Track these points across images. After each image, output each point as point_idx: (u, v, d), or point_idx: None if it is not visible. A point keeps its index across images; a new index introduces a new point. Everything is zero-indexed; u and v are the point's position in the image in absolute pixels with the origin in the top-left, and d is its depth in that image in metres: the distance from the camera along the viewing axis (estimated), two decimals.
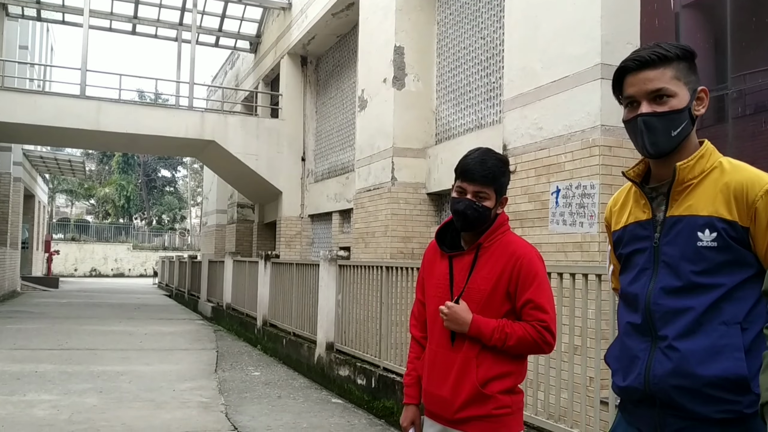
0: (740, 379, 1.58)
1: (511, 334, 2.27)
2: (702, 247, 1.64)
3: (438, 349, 2.41)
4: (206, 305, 16.76)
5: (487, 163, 2.37)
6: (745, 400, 1.58)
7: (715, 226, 1.63)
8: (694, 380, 1.60)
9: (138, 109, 17.82)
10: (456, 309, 2.31)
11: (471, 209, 2.34)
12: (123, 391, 7.10)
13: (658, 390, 1.65)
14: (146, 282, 37.14)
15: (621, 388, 1.77)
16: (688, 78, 1.72)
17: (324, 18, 14.73)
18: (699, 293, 1.64)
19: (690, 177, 1.69)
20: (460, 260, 2.42)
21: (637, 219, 1.79)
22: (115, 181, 54.70)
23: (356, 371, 7.05)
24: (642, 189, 1.79)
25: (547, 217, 6.49)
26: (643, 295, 1.72)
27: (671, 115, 1.68)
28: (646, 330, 1.71)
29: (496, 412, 2.28)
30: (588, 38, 6.21)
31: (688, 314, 1.64)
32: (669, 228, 1.70)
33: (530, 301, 2.29)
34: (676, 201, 1.71)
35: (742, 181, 1.65)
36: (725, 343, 1.60)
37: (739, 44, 5.97)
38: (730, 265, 1.63)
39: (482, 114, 9.59)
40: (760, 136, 5.94)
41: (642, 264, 1.75)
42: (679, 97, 1.69)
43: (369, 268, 7.26)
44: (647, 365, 1.68)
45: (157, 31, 20.67)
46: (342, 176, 14.78)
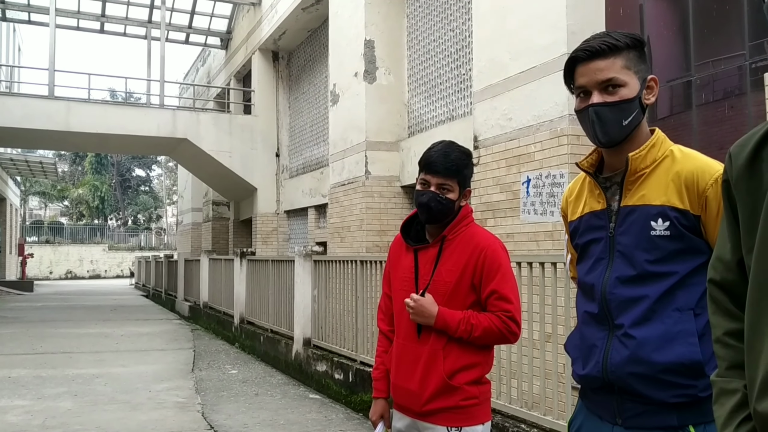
0: (695, 363, 1.61)
1: (477, 325, 2.29)
2: (655, 236, 1.66)
3: (405, 342, 2.42)
4: (183, 304, 16.66)
5: (450, 156, 2.38)
6: (700, 384, 1.61)
7: (668, 215, 1.66)
8: (650, 367, 1.63)
9: (109, 108, 17.62)
10: (422, 302, 2.32)
11: (435, 201, 2.35)
12: (98, 393, 7.04)
13: (616, 378, 1.68)
14: (123, 283, 36.80)
15: (581, 376, 1.79)
16: (638, 67, 1.73)
17: (294, 13, 14.65)
18: (653, 281, 1.66)
19: (642, 167, 1.71)
20: (425, 253, 2.43)
21: (592, 209, 1.81)
22: (89, 181, 53.99)
23: (333, 366, 7.06)
24: (596, 179, 1.80)
25: (519, 207, 6.54)
26: (599, 285, 1.74)
27: (622, 105, 1.69)
28: (603, 319, 1.73)
29: (463, 403, 2.31)
30: (554, 29, 6.25)
31: (643, 302, 1.66)
32: (623, 218, 1.72)
33: (495, 292, 2.31)
34: (629, 191, 1.73)
35: (692, 170, 1.68)
36: (679, 329, 1.63)
37: (702, 32, 6.04)
38: (682, 254, 1.66)
39: (453, 106, 9.62)
40: (726, 121, 6.02)
41: (598, 254, 1.77)
42: (630, 86, 1.70)
43: (344, 262, 7.27)
44: (605, 353, 1.70)
45: (125, 29, 20.42)
46: (317, 171, 14.75)
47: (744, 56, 5.54)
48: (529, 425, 4.31)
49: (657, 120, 6.50)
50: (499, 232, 6.55)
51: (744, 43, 5.55)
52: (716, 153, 6.37)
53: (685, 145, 4.40)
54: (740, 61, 5.61)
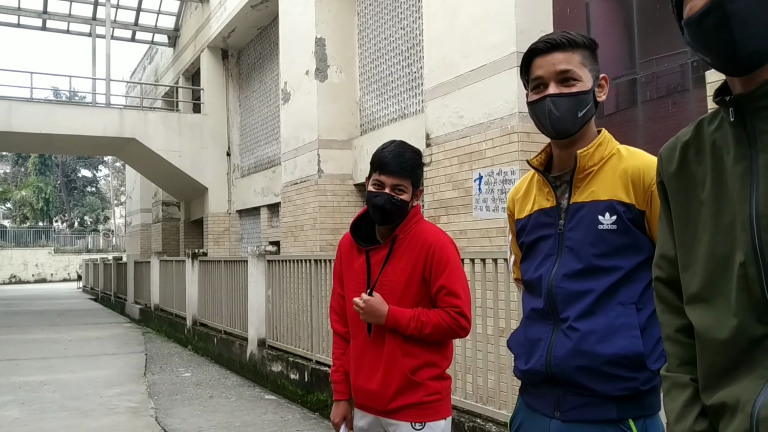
0: (637, 356, 1.64)
1: (427, 322, 2.30)
2: (602, 230, 1.70)
3: (363, 344, 2.42)
4: (134, 307, 16.34)
5: (404, 156, 2.38)
6: (642, 376, 1.64)
7: (615, 209, 1.70)
8: (593, 359, 1.65)
9: (52, 108, 17.14)
10: (372, 302, 2.32)
11: (390, 204, 2.35)
12: (46, 401, 6.85)
13: (560, 370, 1.69)
14: (70, 286, 35.89)
15: (523, 371, 1.81)
16: (592, 65, 1.78)
17: (243, 10, 14.49)
18: (599, 276, 1.69)
19: (590, 164, 1.75)
20: (376, 253, 2.43)
21: (542, 207, 1.83)
22: (32, 183, 52.44)
23: (289, 366, 7.02)
24: (546, 177, 1.83)
25: (471, 203, 6.61)
26: (546, 280, 1.76)
27: (579, 96, 1.73)
28: (549, 313, 1.75)
29: (427, 398, 2.32)
30: (504, 27, 6.34)
31: (589, 296, 1.69)
32: (572, 214, 1.75)
33: (443, 287, 2.32)
34: (578, 188, 1.76)
35: (639, 166, 1.72)
36: (622, 323, 1.66)
37: (646, 30, 6.20)
38: (627, 249, 1.69)
39: (405, 104, 9.66)
40: (670, 117, 6.19)
41: (546, 250, 1.79)
42: (584, 81, 1.75)
43: (298, 261, 7.23)
44: (549, 347, 1.72)
45: (69, 27, 19.89)
46: (269, 170, 14.63)
47: (686, 54, 5.71)
48: (485, 419, 4.37)
49: (604, 116, 6.64)
50: (451, 229, 6.61)
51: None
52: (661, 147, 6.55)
53: (630, 140, 4.53)
54: (683, 59, 5.78)
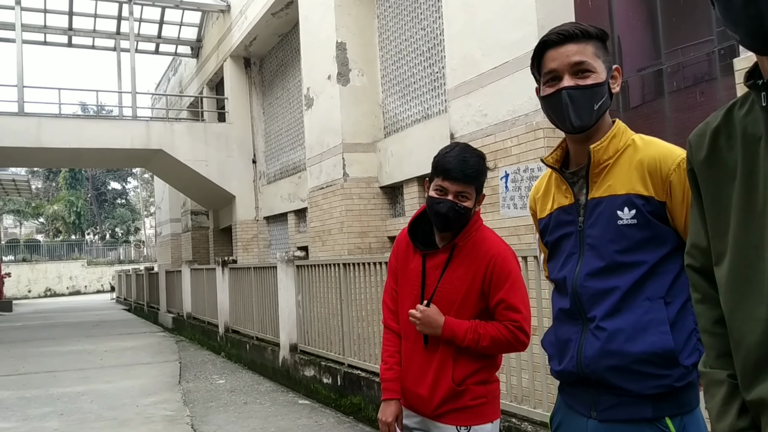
0: (668, 352, 1.60)
1: (484, 335, 2.25)
2: (622, 225, 1.66)
3: (414, 348, 2.39)
4: (166, 316, 16.52)
5: (468, 162, 2.30)
6: (675, 373, 1.61)
7: (634, 202, 1.65)
8: (623, 358, 1.62)
9: (80, 122, 17.43)
10: (428, 313, 2.28)
11: (453, 211, 2.29)
12: (85, 411, 6.95)
13: (591, 371, 1.67)
14: (104, 298, 36.42)
15: (557, 372, 1.79)
16: (605, 56, 1.74)
17: (264, 18, 14.59)
18: (623, 272, 1.65)
19: (605, 158, 1.71)
20: (433, 258, 2.37)
21: (561, 204, 1.80)
22: (64, 197, 53.35)
23: (321, 370, 7.04)
24: (562, 174, 1.79)
25: (498, 202, 6.56)
26: (571, 279, 1.73)
27: (594, 88, 1.69)
28: (576, 313, 1.73)
29: (472, 402, 2.30)
30: (524, 23, 6.28)
31: (614, 294, 1.65)
32: (591, 210, 1.72)
33: (503, 301, 2.27)
34: (595, 183, 1.72)
35: (654, 156, 1.67)
36: (650, 318, 1.62)
37: (671, 19, 6.11)
38: (650, 242, 1.65)
39: (428, 104, 9.64)
40: (698, 107, 6.09)
41: (569, 249, 1.76)
42: (599, 72, 1.71)
43: (326, 266, 7.24)
44: (579, 348, 1.70)
45: (94, 42, 20.20)
46: (294, 176, 14.69)
47: (713, 42, 5.61)
48: (520, 419, 4.33)
49: (630, 109, 6.56)
50: None
51: (712, 29, 5.62)
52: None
53: (658, 132, 4.47)
54: (709, 47, 5.68)
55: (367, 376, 6.12)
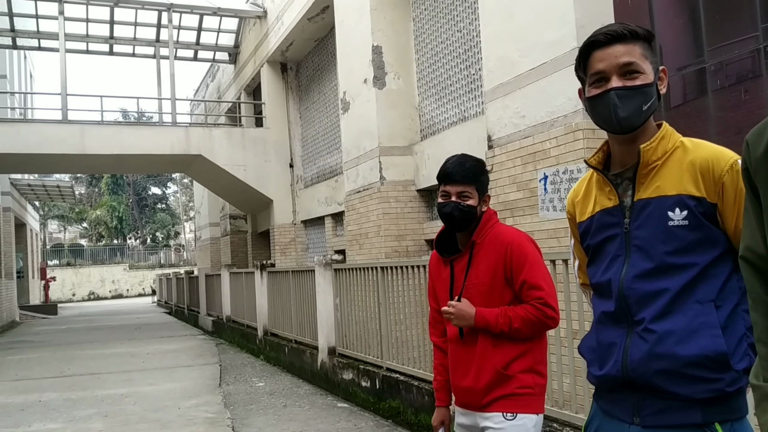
0: (720, 355, 1.56)
1: (514, 317, 2.39)
2: (673, 226, 1.62)
3: (457, 345, 2.55)
4: (206, 319, 16.73)
5: (465, 164, 2.55)
6: (727, 377, 1.56)
7: (686, 203, 1.62)
8: (673, 361, 1.58)
9: (122, 129, 17.78)
10: (460, 306, 2.44)
11: (457, 210, 2.49)
12: (128, 413, 7.07)
13: (637, 375, 1.63)
14: (145, 301, 37.04)
15: (598, 377, 1.74)
16: (653, 57, 1.71)
17: (300, 23, 14.70)
18: (673, 274, 1.62)
19: (654, 158, 1.68)
20: (459, 261, 2.56)
21: (604, 207, 1.76)
22: (106, 202, 54.48)
23: (360, 374, 7.05)
24: (605, 176, 1.76)
25: (537, 204, 6.50)
26: (617, 282, 1.69)
27: (643, 89, 1.66)
28: (622, 316, 1.69)
29: (519, 391, 2.40)
30: (562, 23, 6.22)
31: (664, 296, 1.62)
32: (639, 211, 1.68)
33: (525, 282, 2.42)
34: (642, 184, 1.69)
35: (707, 157, 1.64)
36: (701, 322, 1.58)
37: (713, 17, 5.98)
38: (701, 244, 1.62)
39: (465, 107, 9.59)
40: (743, 106, 5.95)
41: (614, 252, 1.73)
42: (647, 73, 1.68)
43: (364, 269, 7.26)
44: (624, 351, 1.66)
45: (134, 50, 20.59)
46: (331, 179, 14.76)
47: (757, 38, 5.48)
48: (562, 424, 4.28)
49: (671, 108, 6.43)
50: None
51: (757, 26, 5.48)
52: (734, 137, 6.26)
53: (701, 131, 4.38)
54: (754, 44, 5.54)
55: (406, 379, 6.11)
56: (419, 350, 6.03)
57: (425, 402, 5.64)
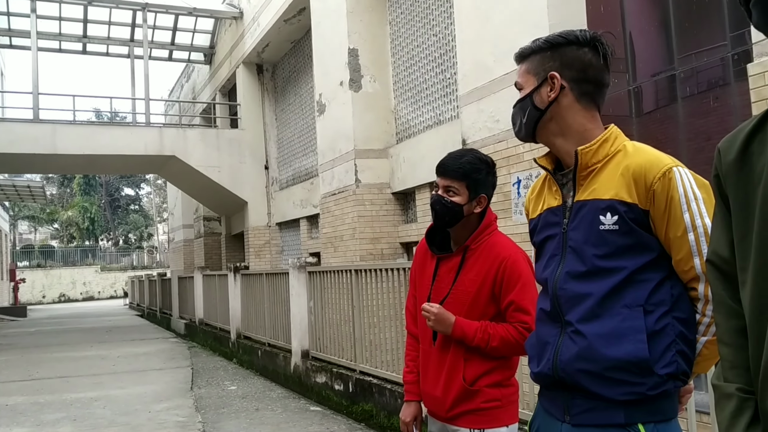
0: (642, 361, 1.58)
1: (494, 335, 2.28)
2: (604, 230, 1.64)
3: (430, 349, 2.44)
4: (179, 322, 16.57)
5: (461, 159, 2.38)
6: (649, 381, 1.59)
7: (617, 209, 1.64)
8: (597, 363, 1.61)
9: (94, 129, 17.57)
10: (442, 310, 2.32)
11: (439, 204, 2.37)
12: (97, 417, 6.97)
13: (566, 374, 1.66)
14: (117, 303, 36.60)
15: (535, 374, 1.77)
16: (541, 67, 1.76)
17: (276, 25, 14.65)
18: (602, 277, 1.64)
19: (593, 161, 1.70)
20: (447, 262, 2.44)
21: (550, 206, 1.80)
22: (78, 203, 53.74)
23: (333, 377, 7.03)
24: (554, 176, 1.80)
25: (510, 208, 6.54)
26: (552, 281, 1.72)
27: (518, 105, 1.81)
28: (555, 316, 1.72)
29: (484, 405, 2.32)
30: (536, 28, 6.26)
31: (591, 298, 1.64)
32: (575, 213, 1.71)
33: (513, 303, 2.30)
34: (582, 186, 1.72)
35: (641, 163, 1.65)
36: (628, 326, 1.60)
37: (684, 25, 6.07)
38: (631, 249, 1.63)
39: (440, 110, 9.63)
40: (712, 112, 6.04)
41: (552, 250, 1.76)
42: (525, 88, 1.79)
43: (338, 272, 7.24)
44: (556, 350, 1.69)
45: (108, 49, 20.34)
46: (306, 182, 14.72)
47: (726, 47, 5.57)
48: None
49: (643, 114, 6.52)
50: None
51: (725, 34, 5.57)
52: (704, 144, 6.34)
53: (672, 137, 4.46)
54: (723, 52, 5.63)
55: (379, 383, 6.10)
56: (393, 353, 6.03)
57: (398, 405, 5.64)
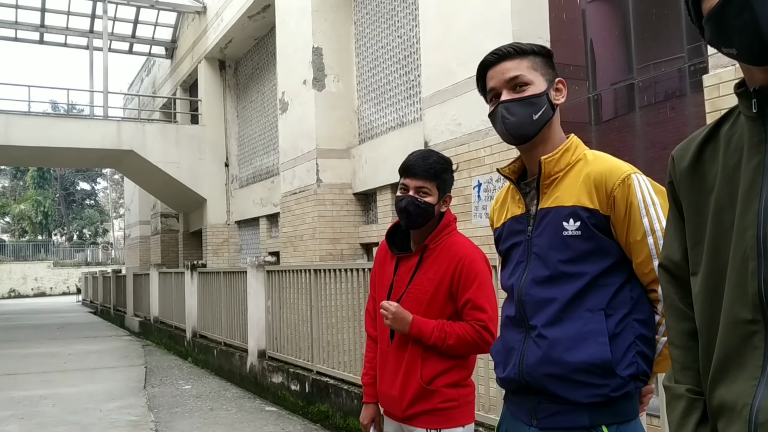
0: (605, 363, 1.62)
1: (450, 333, 2.30)
2: (567, 236, 1.69)
3: (388, 349, 2.45)
4: (133, 320, 16.29)
5: (428, 159, 2.40)
6: (612, 383, 1.63)
7: (579, 215, 1.69)
8: (562, 367, 1.64)
9: (50, 121, 17.14)
10: (399, 309, 2.34)
11: (413, 205, 2.36)
12: (46, 415, 6.80)
13: (532, 378, 1.69)
14: (69, 300, 35.81)
15: (501, 379, 1.81)
16: (545, 70, 1.79)
17: (240, 21, 14.51)
18: (565, 282, 1.69)
19: (556, 170, 1.75)
20: (406, 262, 2.45)
21: (514, 214, 1.85)
22: (31, 196, 52.41)
23: (289, 377, 6.98)
24: (517, 185, 1.84)
25: (471, 211, 6.58)
26: (517, 287, 1.76)
27: (531, 99, 1.74)
28: (520, 321, 1.76)
29: (441, 405, 2.33)
30: (500, 33, 6.32)
31: (555, 303, 1.68)
32: (539, 220, 1.76)
33: (469, 301, 2.32)
34: (545, 194, 1.76)
35: (601, 170, 1.71)
36: (590, 330, 1.64)
37: (643, 35, 6.19)
38: (593, 254, 1.68)
39: (403, 112, 9.65)
40: (669, 122, 6.17)
41: (518, 258, 1.80)
42: (536, 84, 1.76)
43: (297, 272, 7.20)
44: (521, 355, 1.72)
45: (66, 40, 19.91)
46: (267, 180, 14.61)
47: (683, 59, 5.70)
48: (487, 428, 4.33)
49: (602, 122, 6.63)
50: None
51: (683, 47, 5.71)
52: (659, 153, 6.47)
53: (629, 145, 4.57)
54: (680, 64, 5.77)
55: (336, 383, 6.08)
56: (350, 354, 6.01)
57: (354, 406, 5.63)
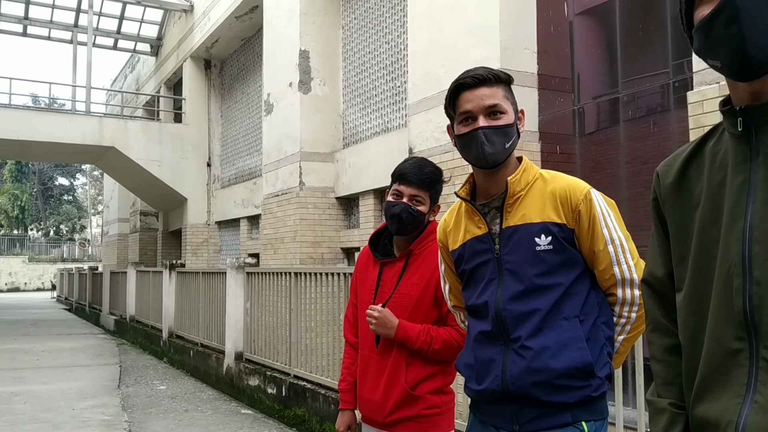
0: (586, 365, 1.74)
1: (436, 338, 2.32)
2: (540, 251, 1.79)
3: (370, 354, 2.45)
4: (109, 318, 16.12)
5: (424, 169, 2.44)
6: (593, 383, 1.76)
7: (550, 230, 1.79)
8: (548, 374, 1.73)
9: (31, 114, 16.93)
10: (384, 313, 2.35)
11: (406, 213, 2.40)
12: (17, 413, 6.70)
13: (516, 388, 1.76)
14: (44, 296, 35.38)
15: (477, 391, 1.86)
16: (513, 99, 1.89)
17: (227, 21, 14.45)
18: (542, 294, 1.78)
19: (519, 189, 1.84)
20: (391, 267, 2.48)
21: (475, 234, 1.90)
22: (8, 190, 51.76)
23: (266, 380, 6.93)
24: (474, 206, 1.90)
25: None
26: (493, 303, 1.83)
27: (506, 129, 1.83)
28: (498, 335, 1.82)
29: (425, 412, 2.34)
30: (488, 43, 6.36)
31: (536, 315, 1.77)
32: (508, 238, 1.83)
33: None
34: (510, 213, 1.84)
35: (564, 187, 1.83)
36: (569, 336, 1.76)
37: (629, 50, 6.25)
38: (564, 265, 1.80)
39: (389, 118, 9.66)
40: (651, 137, 6.23)
41: (488, 275, 1.86)
42: (509, 114, 1.85)
43: (277, 274, 7.16)
44: (503, 367, 1.79)
45: (50, 33, 19.71)
46: (249, 182, 14.54)
47: (668, 74, 5.76)
48: None
49: (585, 135, 6.68)
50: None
51: (668, 62, 5.77)
52: (641, 167, 6.51)
53: (612, 159, 4.65)
54: (664, 79, 5.83)
55: (313, 387, 6.05)
56: (328, 358, 5.99)
57: (331, 411, 5.60)
